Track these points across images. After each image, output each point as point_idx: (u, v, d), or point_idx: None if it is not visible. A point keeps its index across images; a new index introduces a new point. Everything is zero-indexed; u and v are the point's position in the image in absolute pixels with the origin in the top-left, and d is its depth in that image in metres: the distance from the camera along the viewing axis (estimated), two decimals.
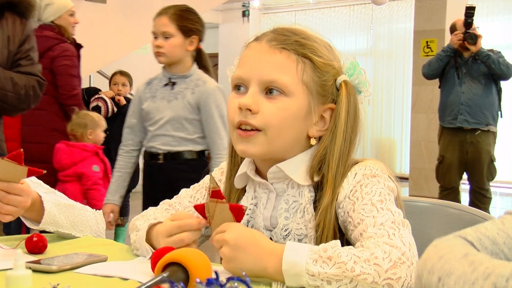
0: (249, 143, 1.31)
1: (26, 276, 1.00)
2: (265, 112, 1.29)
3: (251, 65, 1.32)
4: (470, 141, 5.56)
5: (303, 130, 1.33)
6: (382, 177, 1.30)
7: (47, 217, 1.56)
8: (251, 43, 1.36)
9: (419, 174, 8.22)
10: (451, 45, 5.55)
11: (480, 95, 5.53)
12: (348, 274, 1.09)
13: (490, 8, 9.72)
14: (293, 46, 1.31)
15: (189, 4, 3.18)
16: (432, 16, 8.06)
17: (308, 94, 1.31)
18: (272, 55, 1.31)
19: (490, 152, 5.58)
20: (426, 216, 1.60)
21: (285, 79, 1.29)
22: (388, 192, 1.28)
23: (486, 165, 5.55)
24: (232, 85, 1.36)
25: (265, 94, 1.31)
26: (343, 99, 1.33)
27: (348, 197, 1.28)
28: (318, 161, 1.33)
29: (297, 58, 1.31)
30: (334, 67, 1.35)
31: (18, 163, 1.45)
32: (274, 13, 12.13)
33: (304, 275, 1.12)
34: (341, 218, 1.30)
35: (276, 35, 1.33)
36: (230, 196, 1.44)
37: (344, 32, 11.14)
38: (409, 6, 10.06)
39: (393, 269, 1.09)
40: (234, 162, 1.44)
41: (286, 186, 1.36)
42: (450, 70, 5.62)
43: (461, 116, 5.56)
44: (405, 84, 10.31)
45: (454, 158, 5.62)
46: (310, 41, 1.34)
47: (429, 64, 5.71)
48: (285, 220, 1.35)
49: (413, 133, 8.45)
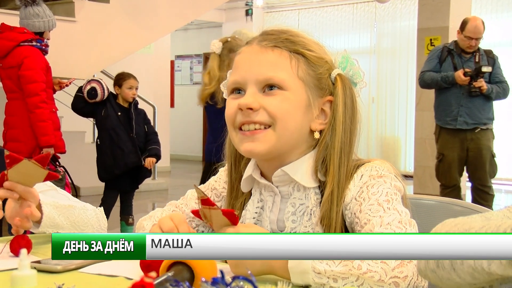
0: (255, 141, 1.30)
1: (31, 276, 1.01)
2: (267, 106, 1.30)
3: (246, 68, 1.33)
4: (471, 138, 5.56)
5: (306, 124, 1.33)
6: (389, 177, 1.30)
7: (46, 220, 1.55)
8: (242, 48, 1.37)
9: (424, 172, 8.20)
10: (455, 80, 5.51)
11: (480, 97, 5.53)
12: (354, 272, 1.09)
13: (494, 6, 9.70)
14: (284, 43, 1.32)
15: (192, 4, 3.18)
16: (436, 14, 8.04)
17: (305, 88, 1.32)
18: (265, 54, 1.32)
19: (490, 147, 5.58)
20: (431, 214, 1.60)
21: (281, 75, 1.30)
22: (395, 192, 1.28)
23: (488, 161, 5.53)
24: (229, 91, 1.36)
25: (264, 92, 1.31)
26: (339, 92, 1.34)
27: (355, 198, 1.28)
28: (321, 157, 1.33)
29: (289, 55, 1.32)
30: (326, 61, 1.36)
31: (42, 166, 1.42)
32: (278, 12, 12.13)
33: (310, 272, 1.12)
34: (348, 219, 1.30)
35: (265, 36, 1.35)
36: (235, 201, 1.43)
37: (347, 30, 11.13)
38: (413, 4, 10.04)
39: (400, 268, 1.09)
40: (236, 170, 1.43)
41: (291, 189, 1.36)
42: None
43: (461, 118, 5.54)
44: (409, 82, 10.30)
45: (454, 156, 5.60)
46: (299, 37, 1.35)
47: (428, 85, 5.73)
48: (293, 224, 1.34)
49: (417, 131, 8.44)
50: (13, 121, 4.50)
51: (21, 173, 1.42)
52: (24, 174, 1.42)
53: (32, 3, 4.67)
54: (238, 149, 1.35)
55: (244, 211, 1.41)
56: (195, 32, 13.47)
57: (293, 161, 1.34)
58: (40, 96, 4.39)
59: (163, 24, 7.07)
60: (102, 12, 6.52)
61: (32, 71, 4.41)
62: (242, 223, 1.39)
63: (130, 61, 7.75)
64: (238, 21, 12.15)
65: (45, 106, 4.41)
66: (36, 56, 4.47)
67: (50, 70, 4.61)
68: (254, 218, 1.39)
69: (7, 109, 4.58)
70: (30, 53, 4.46)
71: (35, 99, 4.37)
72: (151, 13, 6.81)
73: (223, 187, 1.49)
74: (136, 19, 6.68)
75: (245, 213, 1.40)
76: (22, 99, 4.45)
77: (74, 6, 6.33)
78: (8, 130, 4.55)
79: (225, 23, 12.39)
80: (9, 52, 4.49)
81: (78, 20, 6.32)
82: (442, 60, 5.61)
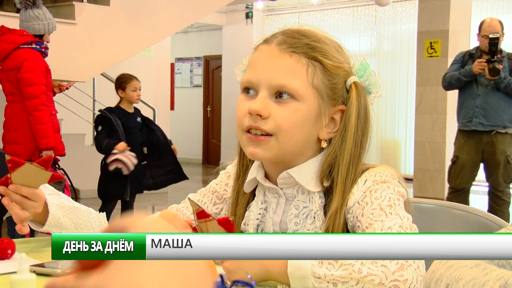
0: (259, 147, 1.29)
1: (30, 280, 1.00)
2: (275, 116, 1.28)
3: (261, 69, 1.31)
4: (486, 141, 5.51)
5: (314, 133, 1.32)
6: (392, 182, 1.30)
7: (51, 219, 1.56)
8: (261, 45, 1.35)
9: (424, 175, 8.20)
10: (472, 71, 5.48)
11: (496, 98, 5.48)
12: (355, 275, 1.09)
13: (494, 9, 9.70)
14: (303, 49, 1.30)
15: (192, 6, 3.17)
16: (436, 17, 8.04)
17: (318, 97, 1.30)
18: (282, 59, 1.29)
19: (506, 152, 5.50)
20: (431, 217, 1.60)
21: (295, 83, 1.28)
22: (398, 197, 1.28)
23: (502, 165, 5.48)
24: (242, 88, 1.35)
25: (275, 98, 1.29)
26: (353, 101, 1.32)
27: (358, 202, 1.28)
28: (328, 165, 1.31)
29: (307, 62, 1.29)
30: (344, 69, 1.33)
31: (45, 169, 1.43)
32: (278, 15, 12.13)
33: (310, 277, 1.11)
34: (350, 223, 1.29)
35: (286, 37, 1.32)
36: (238, 199, 1.42)
37: (347, 33, 11.13)
38: (413, 7, 10.05)
39: (400, 271, 1.09)
40: (243, 164, 1.43)
41: (296, 192, 1.35)
42: None
43: (476, 119, 5.51)
44: (409, 85, 10.30)
45: (468, 159, 5.56)
46: (320, 43, 1.32)
47: (449, 83, 5.65)
48: (295, 226, 1.34)
49: (417, 134, 8.44)
50: (12, 123, 4.50)
51: (25, 176, 1.43)
52: (27, 176, 1.43)
53: (32, 5, 4.66)
54: (244, 151, 1.35)
55: (247, 212, 1.40)
56: (196, 35, 13.47)
57: (299, 164, 1.33)
58: (39, 98, 4.38)
59: (164, 26, 7.07)
60: (102, 14, 6.52)
61: (32, 73, 4.41)
62: (245, 224, 1.39)
63: (130, 63, 7.74)
64: (239, 24, 12.16)
65: (44, 108, 4.41)
66: (35, 58, 4.47)
67: (49, 72, 4.61)
68: (258, 219, 1.38)
69: (6, 112, 4.58)
70: (30, 56, 4.46)
71: (35, 102, 4.37)
72: (152, 16, 6.82)
73: (224, 190, 1.49)
74: (137, 22, 6.68)
75: (248, 214, 1.40)
76: (21, 102, 4.44)
77: (74, 8, 6.34)
78: (8, 133, 4.54)
79: (226, 26, 12.40)
80: (8, 54, 4.49)
81: (78, 22, 6.32)
82: (463, 63, 5.59)
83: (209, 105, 13.53)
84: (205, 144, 13.59)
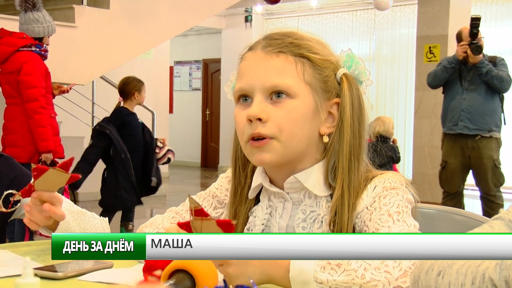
0: (263, 151, 1.29)
1: (34, 284, 1.00)
2: (275, 118, 1.28)
3: (252, 75, 1.31)
4: (471, 146, 5.54)
5: (315, 129, 1.32)
6: (401, 189, 1.31)
7: (63, 224, 1.56)
8: (246, 53, 1.36)
9: (423, 179, 8.20)
10: (456, 56, 5.52)
11: (481, 102, 5.51)
12: (357, 281, 1.09)
13: (494, 14, 9.71)
14: (288, 48, 1.31)
15: (192, 10, 3.17)
16: (435, 22, 8.05)
17: (312, 92, 1.31)
18: (270, 61, 1.30)
19: (492, 157, 5.54)
20: (431, 223, 1.60)
21: (288, 81, 1.29)
22: (406, 204, 1.29)
23: (490, 170, 5.51)
24: (235, 98, 1.35)
25: (271, 100, 1.29)
26: (346, 92, 1.33)
27: (367, 208, 1.29)
28: (332, 162, 1.32)
29: (295, 59, 1.30)
30: (332, 62, 1.34)
31: (65, 171, 1.45)
32: (277, 19, 12.14)
33: (312, 282, 1.11)
34: (358, 228, 1.30)
35: (269, 40, 1.33)
36: (239, 208, 1.41)
37: (347, 38, 11.14)
38: (412, 12, 10.06)
39: (403, 278, 1.09)
40: (243, 174, 1.41)
41: (302, 196, 1.35)
42: (454, 77, 5.60)
43: (462, 122, 5.54)
44: (408, 89, 10.30)
45: (457, 163, 5.60)
46: (304, 40, 1.34)
47: (434, 75, 5.68)
48: (303, 230, 1.33)
49: (416, 139, 8.44)
50: (12, 126, 4.50)
51: (47, 181, 1.45)
52: (49, 181, 1.45)
53: (32, 8, 4.66)
54: (251, 160, 1.34)
55: (252, 218, 1.39)
56: (195, 38, 13.48)
57: (305, 167, 1.33)
58: (39, 101, 4.39)
59: (163, 30, 7.07)
60: (102, 17, 6.53)
61: (31, 76, 4.41)
62: (250, 230, 1.39)
63: (130, 66, 7.75)
64: (238, 27, 12.17)
65: (44, 111, 4.41)
66: (35, 61, 4.47)
67: (49, 75, 4.61)
68: (263, 225, 1.37)
69: (6, 114, 4.58)
70: (29, 59, 4.46)
71: (34, 105, 4.37)
72: (151, 19, 6.82)
73: (225, 195, 1.47)
74: (136, 25, 6.68)
75: (253, 219, 1.39)
76: (21, 105, 4.44)
77: (74, 11, 6.33)
78: (7, 135, 4.54)
79: (225, 30, 12.41)
80: (8, 57, 4.49)
81: (78, 25, 6.32)
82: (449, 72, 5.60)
83: (208, 109, 13.53)
84: (204, 147, 13.58)
